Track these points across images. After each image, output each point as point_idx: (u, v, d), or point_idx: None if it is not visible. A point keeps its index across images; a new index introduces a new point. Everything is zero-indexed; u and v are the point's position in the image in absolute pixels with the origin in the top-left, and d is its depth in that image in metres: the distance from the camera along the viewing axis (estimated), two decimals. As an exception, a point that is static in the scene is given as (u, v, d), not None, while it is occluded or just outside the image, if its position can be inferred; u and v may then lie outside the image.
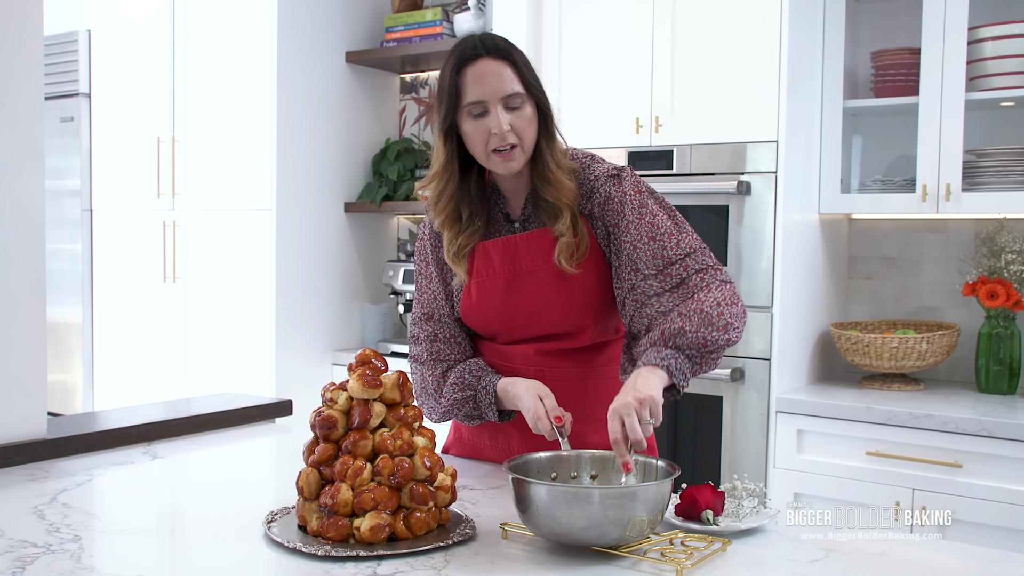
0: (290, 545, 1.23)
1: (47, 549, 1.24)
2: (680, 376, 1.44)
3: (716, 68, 2.72)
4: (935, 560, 1.29)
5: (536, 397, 1.52)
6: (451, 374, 1.66)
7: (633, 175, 1.62)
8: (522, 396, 1.55)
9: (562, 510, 1.20)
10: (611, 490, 1.23)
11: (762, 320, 2.65)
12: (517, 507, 1.26)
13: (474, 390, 1.63)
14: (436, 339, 1.69)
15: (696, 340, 1.45)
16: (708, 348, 1.47)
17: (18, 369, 1.75)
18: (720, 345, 1.48)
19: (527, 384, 1.56)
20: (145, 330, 3.84)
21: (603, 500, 1.19)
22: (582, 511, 1.19)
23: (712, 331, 1.46)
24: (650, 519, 1.22)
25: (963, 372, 2.84)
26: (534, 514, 1.23)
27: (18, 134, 1.75)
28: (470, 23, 3.43)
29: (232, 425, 2.02)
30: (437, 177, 1.61)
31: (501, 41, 1.56)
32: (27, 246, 1.77)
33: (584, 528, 1.20)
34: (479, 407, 1.63)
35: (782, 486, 2.60)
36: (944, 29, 2.59)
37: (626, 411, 1.33)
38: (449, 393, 1.65)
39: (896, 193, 2.72)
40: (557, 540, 1.24)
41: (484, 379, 1.63)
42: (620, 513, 1.19)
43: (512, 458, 1.35)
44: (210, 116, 3.61)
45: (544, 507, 1.21)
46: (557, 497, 1.21)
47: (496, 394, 1.61)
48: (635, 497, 1.21)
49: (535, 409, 1.51)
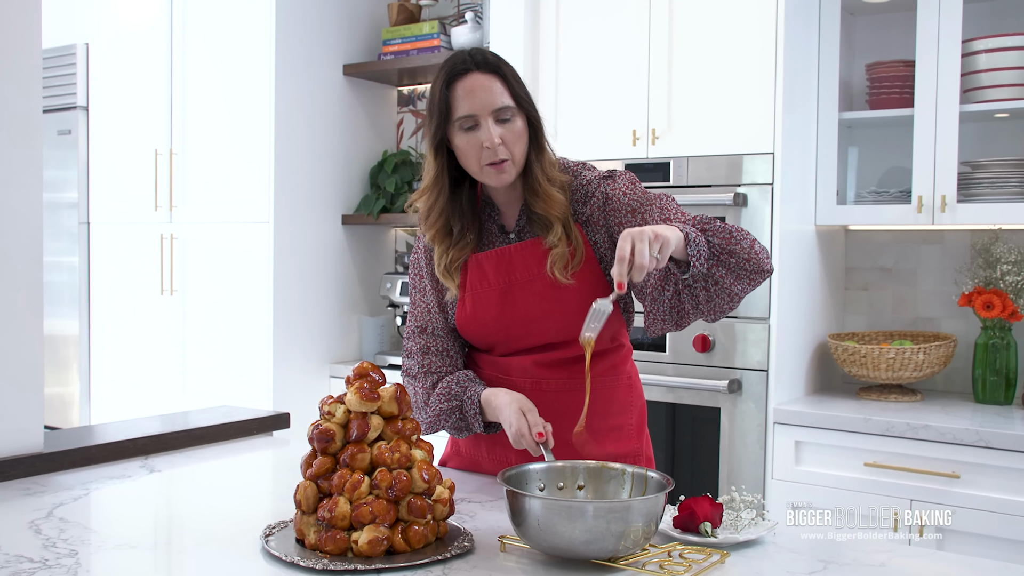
0: (288, 559, 1.23)
1: (43, 564, 1.24)
2: (695, 249, 1.39)
3: (712, 80, 2.74)
4: (933, 571, 1.29)
5: (519, 412, 1.51)
6: (439, 385, 1.66)
7: (626, 173, 1.62)
8: (503, 409, 1.54)
9: (555, 522, 1.20)
10: (604, 504, 1.23)
11: (759, 331, 2.65)
12: (511, 519, 1.26)
13: (460, 400, 1.63)
14: (428, 352, 1.69)
15: (720, 229, 1.43)
16: (730, 245, 1.42)
17: (15, 382, 1.75)
18: (743, 248, 1.43)
19: (510, 398, 1.55)
20: (142, 343, 3.84)
21: (597, 513, 1.19)
22: (575, 523, 1.19)
23: (736, 234, 1.43)
24: (644, 530, 1.22)
25: (960, 383, 2.84)
26: (527, 526, 1.23)
27: (16, 146, 1.76)
28: (467, 36, 3.44)
29: (230, 438, 2.02)
30: (428, 191, 1.62)
31: (491, 56, 1.57)
32: (25, 258, 1.77)
33: (579, 541, 1.19)
34: (465, 418, 1.63)
35: (780, 497, 2.59)
36: (938, 42, 2.60)
37: (640, 236, 1.30)
38: (435, 403, 1.65)
39: (892, 204, 2.73)
40: (551, 552, 1.24)
41: (470, 389, 1.62)
42: (614, 525, 1.19)
43: (507, 469, 1.35)
44: (208, 129, 3.61)
45: (535, 519, 1.21)
46: (551, 509, 1.21)
47: (480, 404, 1.60)
48: (629, 509, 1.21)
49: (517, 426, 1.50)
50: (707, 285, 1.45)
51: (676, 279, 1.47)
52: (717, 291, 1.45)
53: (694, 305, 1.48)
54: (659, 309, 1.52)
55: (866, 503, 2.45)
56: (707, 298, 1.46)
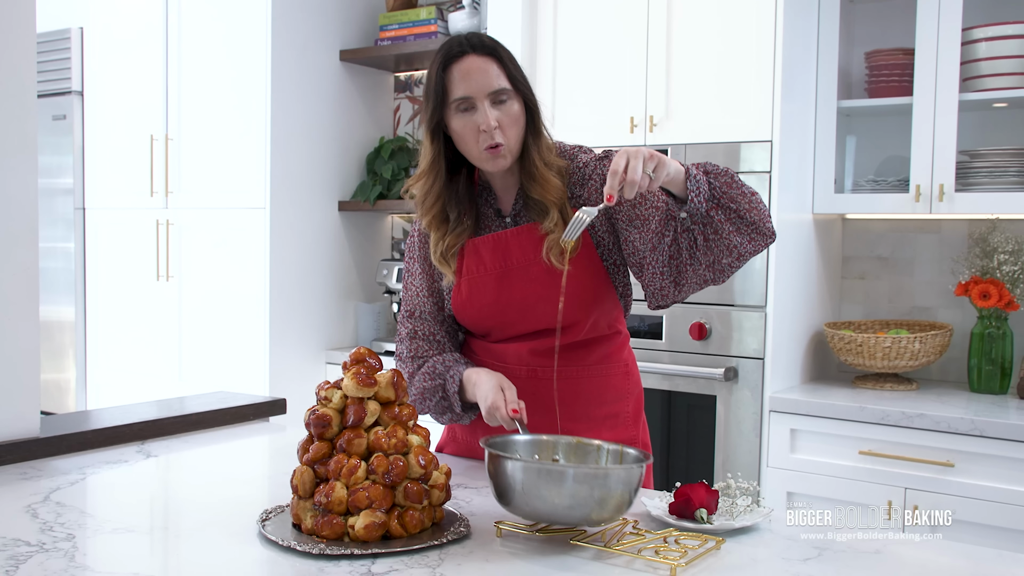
0: (284, 543, 1.23)
1: (40, 548, 1.24)
2: (694, 185, 1.41)
3: (711, 68, 2.73)
4: (928, 559, 1.29)
5: (496, 388, 1.52)
6: (424, 366, 1.67)
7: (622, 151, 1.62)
8: (481, 385, 1.55)
9: (539, 486, 1.23)
10: (584, 469, 1.28)
11: (756, 319, 2.66)
12: (492, 482, 1.28)
13: (443, 379, 1.63)
14: (415, 336, 1.70)
15: (723, 174, 1.44)
16: (731, 190, 1.44)
17: (11, 368, 1.75)
18: (744, 196, 1.44)
19: (490, 374, 1.56)
20: (138, 329, 3.83)
21: (578, 478, 1.23)
22: (559, 488, 1.22)
23: (739, 183, 1.45)
24: (624, 498, 1.24)
25: (956, 372, 2.85)
26: (511, 491, 1.25)
27: (11, 131, 1.75)
28: (464, 22, 3.43)
29: (226, 424, 2.02)
30: (424, 176, 1.61)
31: (488, 39, 1.57)
32: (21, 244, 1.76)
33: (562, 506, 1.22)
34: (447, 397, 1.64)
35: (775, 485, 2.60)
36: (938, 30, 2.60)
37: (636, 154, 1.34)
38: (419, 383, 1.65)
39: (889, 193, 2.73)
40: (532, 518, 1.27)
41: (454, 369, 1.63)
42: (596, 491, 1.22)
43: (490, 437, 1.38)
44: (203, 114, 3.60)
45: (519, 484, 1.24)
46: (535, 474, 1.24)
47: (462, 382, 1.61)
48: (608, 476, 1.25)
49: (493, 399, 1.50)
50: (706, 231, 1.46)
51: (676, 224, 1.47)
52: (716, 240, 1.46)
53: (692, 253, 1.48)
54: (658, 260, 1.51)
55: (861, 492, 2.46)
56: (706, 247, 1.46)
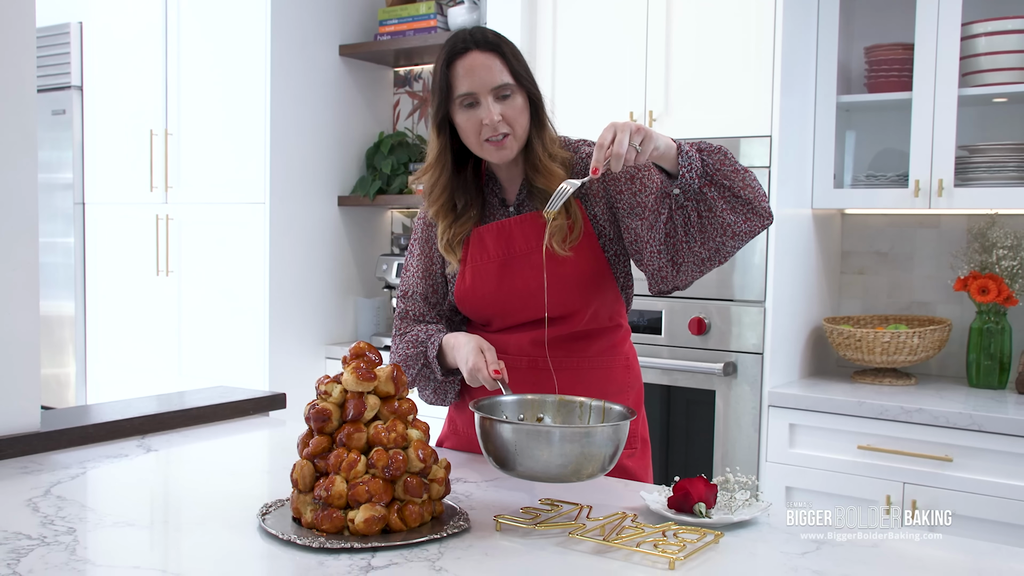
0: (284, 537, 1.24)
1: (42, 541, 1.24)
2: (686, 160, 1.42)
3: (710, 63, 2.73)
4: (926, 553, 1.30)
5: (477, 350, 1.54)
6: (408, 335, 1.70)
7: None
8: (461, 348, 1.57)
9: (530, 446, 1.29)
10: (568, 429, 1.34)
11: (755, 314, 2.66)
12: (481, 441, 1.35)
13: (424, 346, 1.66)
14: (406, 316, 1.74)
15: (716, 151, 1.45)
16: (724, 167, 1.45)
17: (12, 362, 1.75)
18: (737, 173, 1.45)
19: (469, 337, 1.58)
20: (138, 324, 3.83)
21: (562, 438, 1.29)
22: (548, 447, 1.28)
23: (733, 161, 1.46)
24: (609, 455, 1.31)
25: (954, 367, 2.85)
26: (501, 448, 1.31)
27: (10, 126, 1.75)
28: (464, 16, 3.42)
29: (226, 418, 2.02)
30: (431, 169, 1.65)
31: (491, 34, 1.58)
32: (21, 239, 1.76)
33: (555, 465, 1.28)
34: (429, 364, 1.66)
35: (774, 479, 2.61)
36: (937, 25, 2.60)
37: (623, 127, 1.36)
38: (401, 350, 1.68)
39: (889, 188, 2.73)
40: (523, 476, 1.32)
41: (435, 336, 1.65)
42: (577, 448, 1.29)
43: (478, 399, 1.42)
44: (203, 109, 3.60)
45: (511, 443, 1.30)
46: (525, 434, 1.30)
47: (442, 347, 1.63)
48: (590, 434, 1.31)
49: (474, 361, 1.52)
50: (699, 208, 1.46)
51: (670, 202, 1.48)
52: (710, 218, 1.46)
53: (687, 231, 1.48)
54: (655, 239, 1.51)
55: (859, 486, 2.47)
56: (700, 225, 1.47)
